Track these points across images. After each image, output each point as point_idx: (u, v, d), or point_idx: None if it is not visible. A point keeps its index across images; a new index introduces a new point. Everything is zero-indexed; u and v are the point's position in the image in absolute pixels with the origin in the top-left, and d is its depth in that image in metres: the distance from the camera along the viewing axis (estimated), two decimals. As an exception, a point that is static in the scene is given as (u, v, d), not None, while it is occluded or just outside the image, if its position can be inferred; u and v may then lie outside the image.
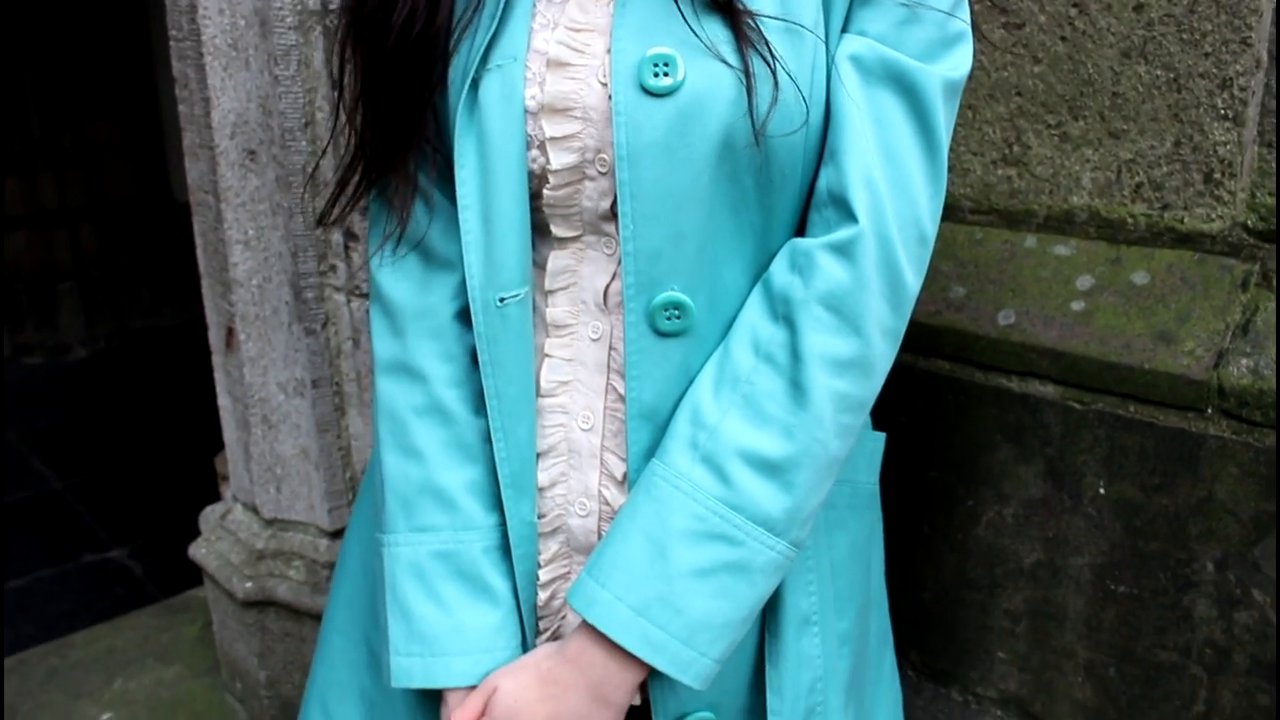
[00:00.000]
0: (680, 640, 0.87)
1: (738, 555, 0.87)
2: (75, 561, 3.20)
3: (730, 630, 0.89)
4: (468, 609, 0.96)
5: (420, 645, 0.96)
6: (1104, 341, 1.25)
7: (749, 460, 0.87)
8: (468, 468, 0.98)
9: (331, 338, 1.59)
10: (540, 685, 0.91)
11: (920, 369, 1.40)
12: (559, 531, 0.99)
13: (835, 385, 0.88)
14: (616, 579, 0.88)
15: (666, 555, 0.87)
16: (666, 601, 0.87)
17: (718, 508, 0.87)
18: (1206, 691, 1.24)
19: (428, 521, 0.97)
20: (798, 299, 0.88)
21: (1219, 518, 1.19)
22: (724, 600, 0.88)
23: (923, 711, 1.53)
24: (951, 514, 1.41)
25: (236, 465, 1.78)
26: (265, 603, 1.74)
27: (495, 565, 0.97)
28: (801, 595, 1.02)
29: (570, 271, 0.96)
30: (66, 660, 2.11)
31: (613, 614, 0.88)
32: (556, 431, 0.98)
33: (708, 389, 0.90)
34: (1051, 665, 1.36)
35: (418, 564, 0.97)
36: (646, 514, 0.89)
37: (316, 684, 1.21)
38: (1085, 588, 1.31)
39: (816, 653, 1.05)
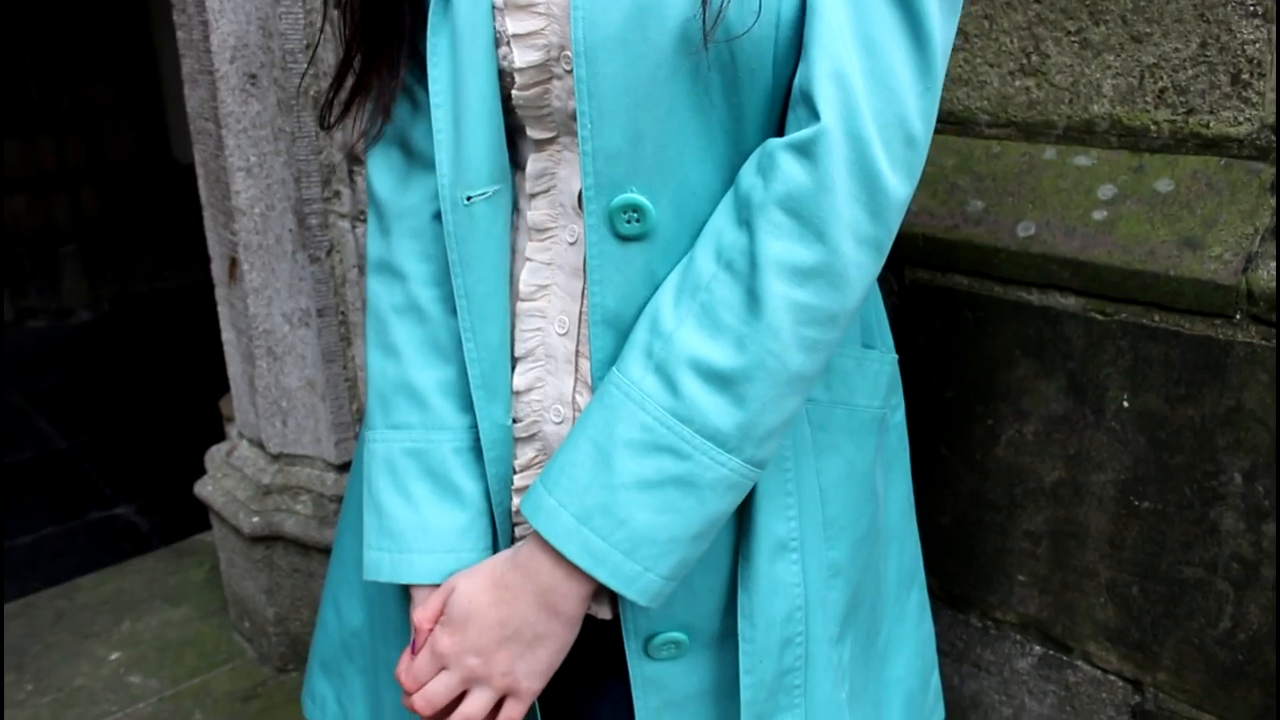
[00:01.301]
0: (622, 552, 0.84)
1: (684, 469, 0.84)
2: (82, 518, 3.19)
3: (677, 547, 0.86)
4: (435, 508, 0.96)
5: (389, 540, 0.97)
6: (1127, 250, 1.22)
7: (700, 371, 0.83)
8: (441, 367, 0.98)
9: (336, 265, 1.56)
10: (493, 589, 0.91)
11: (938, 285, 1.37)
12: (536, 438, 0.97)
13: (794, 295, 0.82)
14: (562, 486, 0.86)
15: (611, 464, 0.84)
16: (608, 511, 0.84)
17: (665, 419, 0.83)
18: (1233, 607, 1.22)
19: (401, 419, 0.98)
20: (757, 201, 0.83)
21: (1247, 427, 1.16)
22: (669, 515, 0.84)
23: (940, 639, 1.51)
24: (970, 434, 1.38)
25: (241, 400, 1.75)
26: (272, 538, 1.72)
27: (465, 466, 0.97)
28: (777, 520, 0.98)
29: (549, 174, 0.93)
30: (74, 603, 2.10)
31: (555, 521, 0.85)
32: (534, 336, 0.96)
33: (669, 297, 0.86)
34: (1072, 586, 1.34)
35: (390, 460, 0.97)
36: (596, 421, 0.86)
37: (331, 579, 1.23)
38: (1108, 505, 1.28)
39: (795, 580, 1.00)
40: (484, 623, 0.90)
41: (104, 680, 1.87)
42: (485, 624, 0.90)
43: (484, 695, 0.92)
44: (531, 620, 0.89)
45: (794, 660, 1.03)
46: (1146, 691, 1.32)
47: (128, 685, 1.85)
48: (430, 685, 0.93)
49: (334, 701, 1.24)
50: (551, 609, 0.89)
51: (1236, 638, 1.22)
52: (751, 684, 1.00)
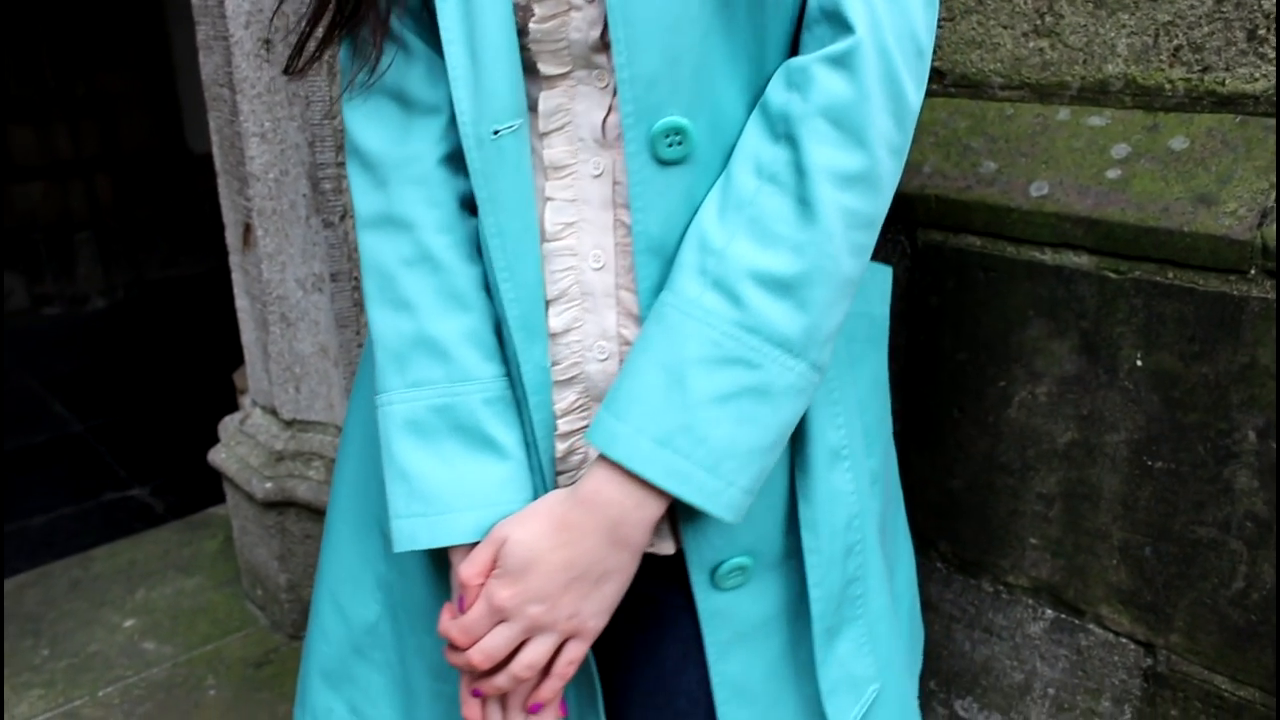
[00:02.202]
0: (705, 469, 0.84)
1: (757, 378, 0.84)
2: (97, 499, 3.22)
3: (756, 458, 0.86)
4: (470, 463, 0.93)
5: (422, 504, 0.92)
6: (1141, 207, 1.21)
7: (761, 281, 0.84)
8: (461, 316, 0.94)
9: (350, 230, 1.56)
10: (555, 531, 0.88)
11: (950, 246, 1.37)
12: (576, 380, 0.96)
13: (843, 200, 0.85)
14: (635, 412, 0.85)
15: (684, 384, 0.84)
16: (689, 430, 0.84)
17: (733, 331, 0.84)
18: (1246, 566, 1.21)
19: (422, 375, 0.93)
20: (797, 114, 0.85)
21: (1262, 383, 1.15)
22: (747, 426, 0.85)
23: (952, 605, 1.51)
24: (982, 396, 1.38)
25: (255, 367, 1.76)
26: (285, 504, 1.72)
27: (498, 416, 0.94)
28: (830, 429, 0.99)
29: (564, 110, 0.92)
30: (89, 572, 2.11)
31: (635, 447, 0.85)
32: (566, 275, 0.94)
33: (712, 216, 0.87)
34: (1085, 549, 1.34)
35: (414, 420, 0.93)
36: (660, 344, 0.86)
37: (325, 579, 1.18)
38: (1121, 465, 1.28)
39: (850, 488, 1.02)
40: (548, 567, 0.88)
41: (118, 646, 1.89)
42: (549, 568, 0.88)
43: (547, 641, 0.91)
44: (600, 556, 0.88)
45: (856, 569, 1.05)
46: (1159, 654, 1.31)
47: (142, 651, 1.86)
48: (488, 639, 0.91)
49: (347, 712, 1.18)
50: (621, 541, 0.88)
51: (1250, 598, 1.21)
52: (820, 597, 1.01)
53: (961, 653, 1.52)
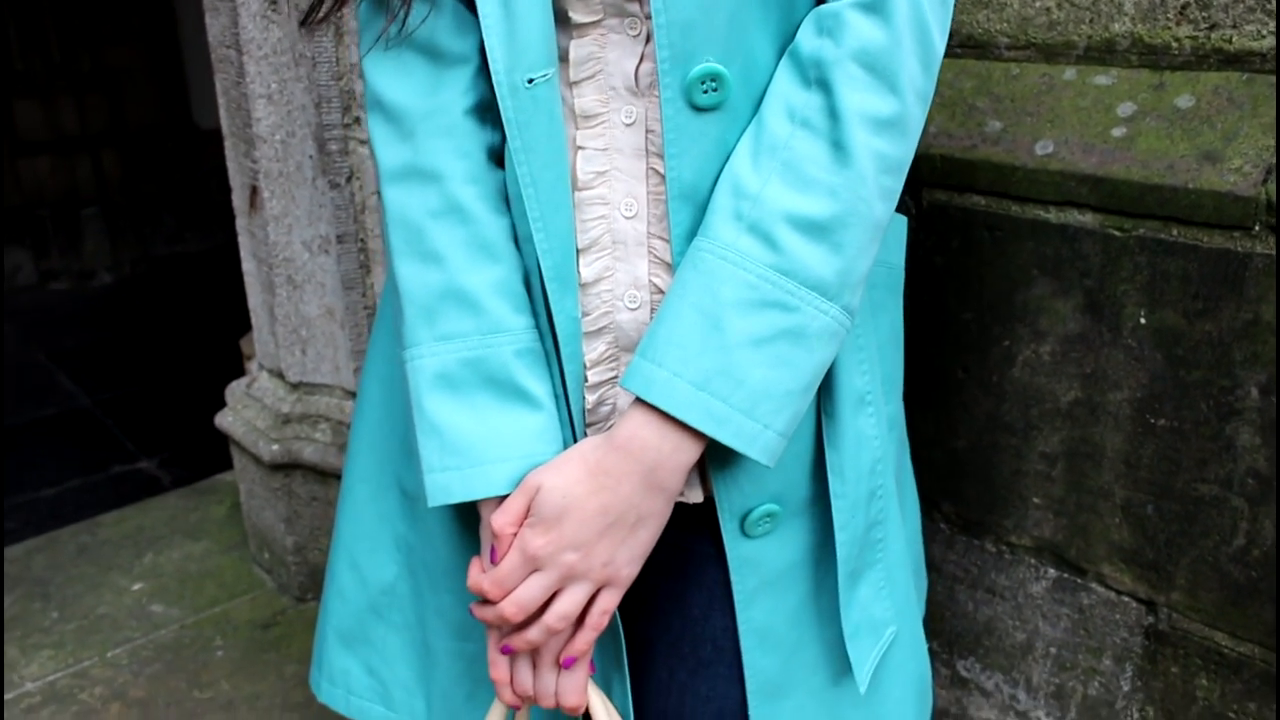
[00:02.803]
0: (743, 412, 0.85)
1: (793, 321, 0.85)
2: (105, 472, 3.23)
3: (791, 400, 0.87)
4: (502, 414, 0.92)
5: (455, 458, 0.92)
6: (1146, 165, 1.21)
7: (796, 224, 0.85)
8: (491, 268, 0.94)
9: (356, 192, 1.57)
10: (590, 478, 0.88)
11: (956, 206, 1.37)
12: (606, 330, 0.96)
13: (875, 144, 0.86)
14: (672, 356, 0.85)
15: (721, 327, 0.84)
16: (726, 373, 0.84)
17: (769, 274, 0.85)
18: (1247, 523, 1.22)
19: (453, 328, 0.93)
20: (830, 59, 0.85)
21: (1265, 340, 1.15)
22: (783, 369, 0.85)
23: (955, 565, 1.52)
24: (986, 356, 1.39)
25: (261, 331, 1.76)
26: (292, 466, 1.73)
27: (530, 368, 0.93)
28: (856, 374, 1.00)
29: (595, 59, 0.92)
30: (96, 538, 2.13)
31: (673, 391, 0.85)
32: (598, 224, 0.94)
33: (746, 160, 0.88)
34: (1087, 508, 1.34)
35: (445, 373, 0.93)
36: (696, 289, 0.86)
37: (342, 539, 1.17)
38: (1124, 424, 1.28)
39: (874, 433, 1.03)
40: (583, 514, 0.88)
41: (127, 609, 1.90)
42: (585, 515, 0.88)
43: (582, 590, 0.90)
44: (636, 501, 0.88)
45: (878, 513, 1.06)
46: (1160, 612, 1.32)
47: (150, 614, 1.88)
48: (521, 590, 0.90)
49: (363, 673, 1.18)
50: (657, 486, 0.88)
51: (1250, 554, 1.22)
52: (846, 540, 1.02)
53: (964, 613, 1.53)
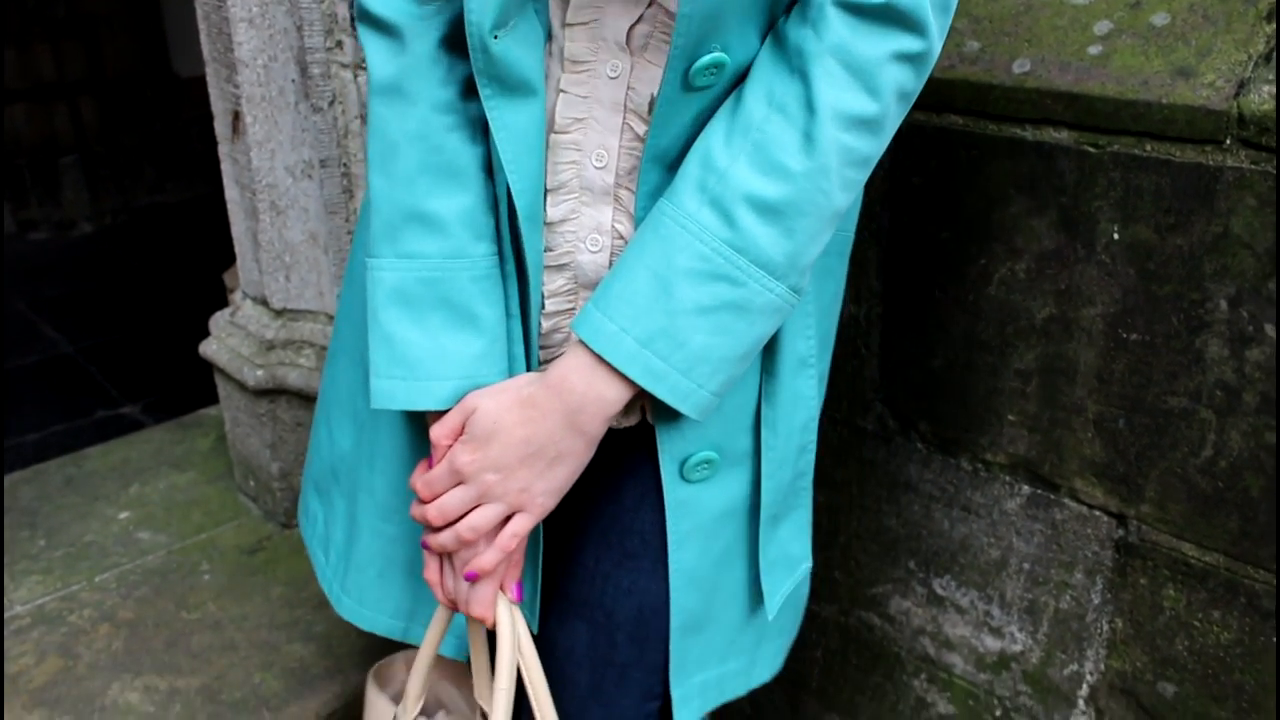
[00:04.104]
0: (680, 372, 0.90)
1: (739, 295, 0.90)
2: (89, 417, 3.24)
3: (727, 366, 0.93)
4: (452, 335, 0.97)
5: (402, 369, 0.97)
6: (1121, 81, 1.23)
7: (754, 205, 0.89)
8: (458, 195, 0.97)
9: (339, 116, 1.57)
10: (520, 408, 0.94)
11: (933, 126, 1.38)
12: (567, 268, 1.00)
13: (845, 140, 0.89)
14: (622, 312, 0.90)
15: (671, 292, 0.89)
16: (669, 335, 0.90)
17: (722, 249, 0.89)
18: (1215, 435, 1.24)
19: (414, 248, 0.97)
20: (811, 51, 0.88)
21: (1234, 253, 1.18)
22: (723, 337, 0.91)
23: (932, 484, 1.55)
24: (963, 275, 1.41)
25: (245, 258, 1.77)
26: (277, 391, 1.75)
27: (484, 294, 0.98)
28: (800, 339, 1.07)
29: (594, 8, 0.94)
30: (82, 470, 2.14)
31: (618, 345, 0.90)
32: (568, 169, 0.97)
33: (719, 136, 0.91)
34: (1061, 423, 1.37)
35: (403, 289, 0.97)
36: (653, 252, 0.91)
37: (323, 400, 1.25)
38: (1097, 339, 1.31)
39: (811, 393, 1.11)
40: (508, 440, 0.93)
41: (114, 536, 1.92)
42: (509, 442, 0.93)
43: (495, 509, 0.96)
44: (557, 439, 0.93)
45: (805, 464, 1.15)
46: (1130, 524, 1.35)
47: (137, 541, 1.90)
48: (445, 497, 0.97)
49: (321, 521, 1.28)
50: (578, 428, 0.93)
51: (1217, 465, 1.25)
52: (771, 488, 1.11)
53: (940, 532, 1.56)
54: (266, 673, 1.56)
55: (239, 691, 1.52)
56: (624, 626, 1.12)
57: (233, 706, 1.50)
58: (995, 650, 1.55)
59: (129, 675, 1.56)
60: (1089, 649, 1.44)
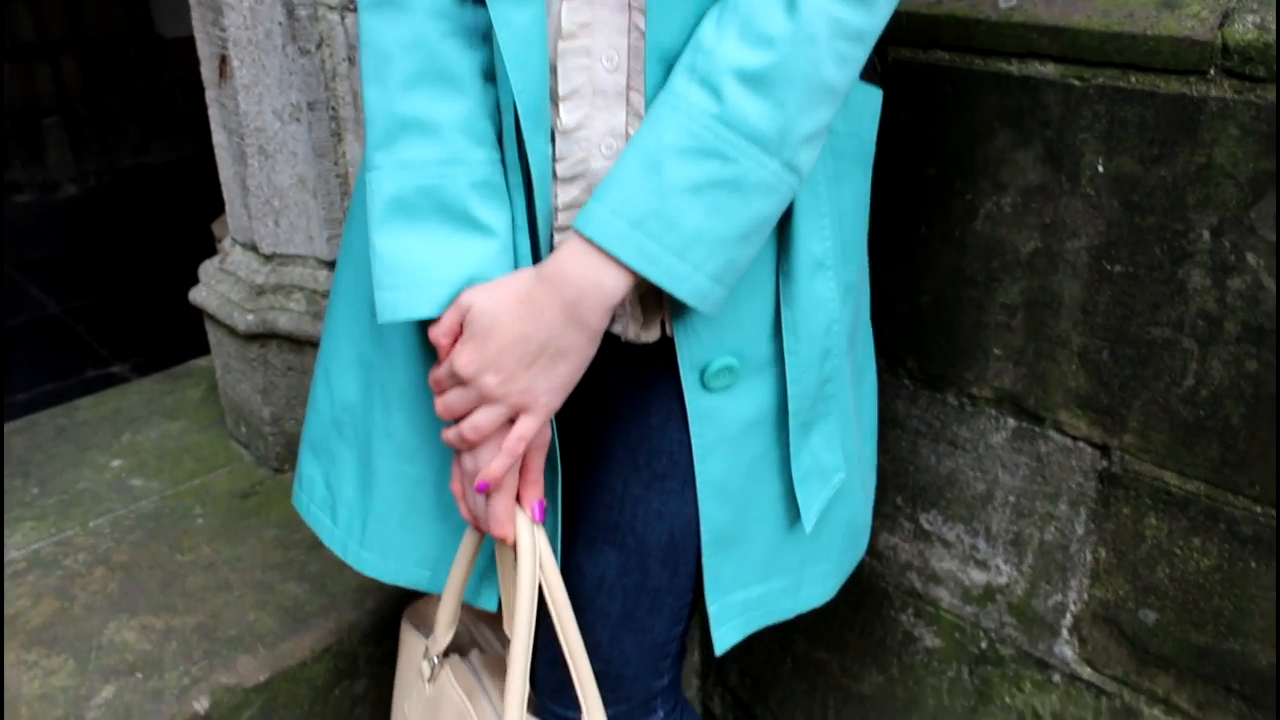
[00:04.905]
0: (674, 253, 0.89)
1: (731, 172, 0.89)
2: (78, 376, 3.23)
3: (724, 247, 0.91)
4: (452, 241, 0.96)
5: (404, 277, 0.96)
6: (1106, 13, 1.24)
7: (741, 77, 0.88)
8: (455, 101, 0.97)
9: (326, 59, 1.57)
10: (518, 304, 0.92)
11: (920, 63, 1.39)
12: (581, 177, 0.99)
13: (831, 9, 0.88)
14: (613, 195, 0.90)
15: (661, 171, 0.88)
16: (661, 215, 0.88)
17: (711, 125, 0.89)
18: (1197, 364, 1.26)
19: (412, 156, 0.96)
20: None
21: (1217, 183, 1.19)
22: (717, 216, 0.89)
23: (919, 420, 1.57)
24: (949, 210, 1.42)
25: (234, 204, 1.77)
26: (267, 336, 1.75)
27: (485, 200, 0.97)
28: (814, 239, 1.05)
29: None
30: (74, 420, 2.15)
31: (609, 227, 0.89)
32: (580, 74, 0.97)
33: (711, 20, 0.91)
34: (1046, 356, 1.39)
35: (401, 198, 0.96)
36: (644, 135, 0.91)
37: (321, 355, 1.24)
38: (1081, 271, 1.32)
39: (831, 296, 1.09)
40: (505, 338, 0.92)
41: (106, 484, 1.93)
42: (507, 339, 0.92)
43: (497, 410, 0.95)
44: (557, 333, 0.92)
45: (831, 370, 1.12)
46: (1113, 455, 1.37)
47: (130, 487, 1.91)
48: (448, 395, 0.97)
49: (322, 485, 1.24)
50: (578, 321, 0.92)
51: (1199, 394, 1.27)
52: (798, 394, 1.09)
53: (927, 467, 1.58)
54: (261, 611, 1.58)
55: (234, 629, 1.53)
56: (656, 551, 1.11)
57: (228, 643, 1.52)
58: (981, 583, 1.57)
59: (125, 615, 1.58)
60: (1072, 579, 1.46)
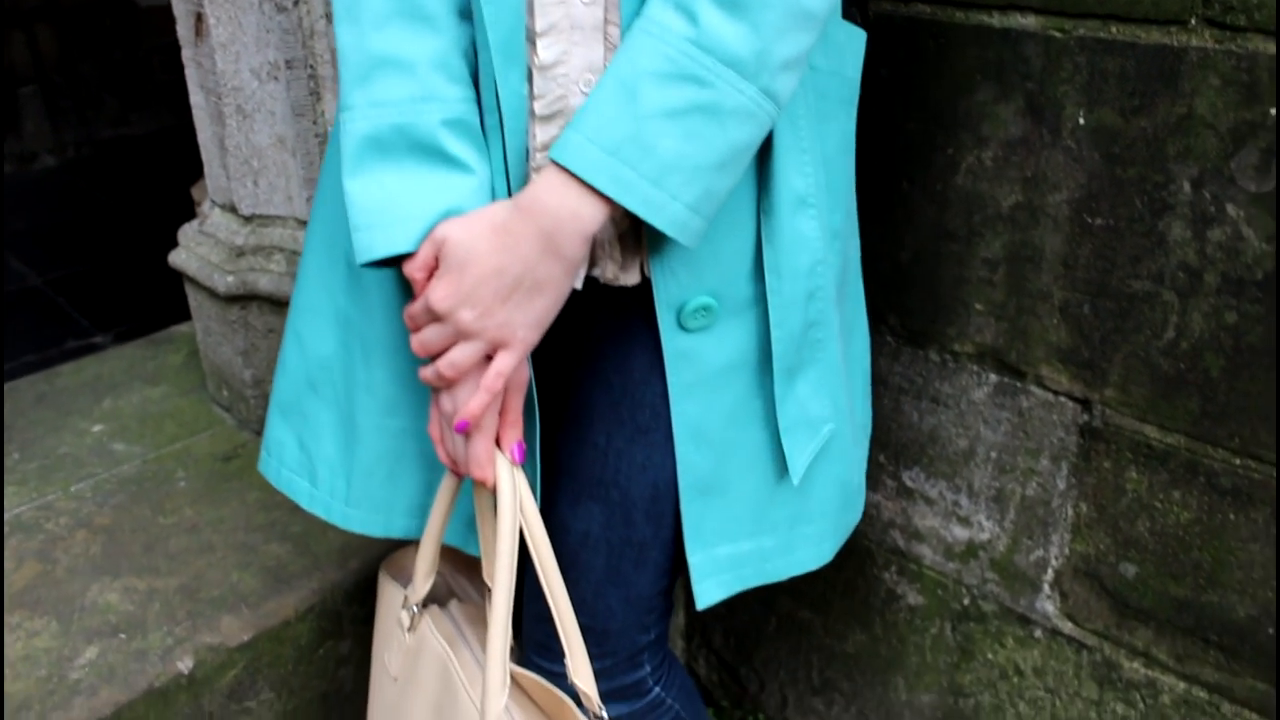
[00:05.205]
0: (650, 181, 0.88)
1: (707, 97, 0.88)
2: (59, 346, 3.20)
3: (701, 175, 0.89)
4: (427, 178, 0.95)
5: (379, 215, 0.95)
6: (1088, -36, 1.23)
7: (717, 1, 0.88)
8: (429, 39, 0.96)
9: (304, 16, 1.55)
10: (493, 235, 0.91)
11: (901, 16, 1.38)
12: (560, 115, 0.97)
13: None
14: (588, 122, 0.88)
15: (636, 97, 0.87)
16: (636, 141, 0.87)
17: (687, 49, 0.87)
18: (1177, 317, 1.27)
19: (385, 94, 0.95)
20: None
21: (1197, 133, 1.19)
22: (694, 142, 0.88)
23: (901, 377, 1.57)
24: (930, 165, 1.41)
25: (212, 166, 1.76)
26: (248, 297, 1.74)
27: (459, 137, 0.96)
28: (796, 175, 1.04)
29: None
30: (54, 386, 2.14)
31: (584, 155, 0.88)
32: (557, 9, 0.95)
33: None
34: (1027, 310, 1.39)
35: (376, 136, 0.95)
36: (620, 61, 0.89)
37: (292, 314, 1.21)
38: (1063, 225, 1.32)
39: (814, 234, 1.07)
40: (481, 270, 0.91)
41: (88, 448, 1.92)
42: (482, 272, 0.91)
43: (474, 346, 0.94)
44: (533, 264, 0.91)
45: (816, 314, 1.10)
46: (1094, 409, 1.37)
47: (111, 452, 1.90)
48: (425, 332, 0.95)
49: (295, 447, 1.23)
50: (554, 251, 0.91)
51: (1179, 347, 1.27)
52: (781, 337, 1.07)
53: (909, 424, 1.58)
54: (244, 572, 1.57)
55: (217, 590, 1.53)
56: (640, 504, 1.10)
57: (211, 604, 1.51)
58: (963, 539, 1.58)
59: (108, 577, 1.57)
60: (1054, 534, 1.47)
